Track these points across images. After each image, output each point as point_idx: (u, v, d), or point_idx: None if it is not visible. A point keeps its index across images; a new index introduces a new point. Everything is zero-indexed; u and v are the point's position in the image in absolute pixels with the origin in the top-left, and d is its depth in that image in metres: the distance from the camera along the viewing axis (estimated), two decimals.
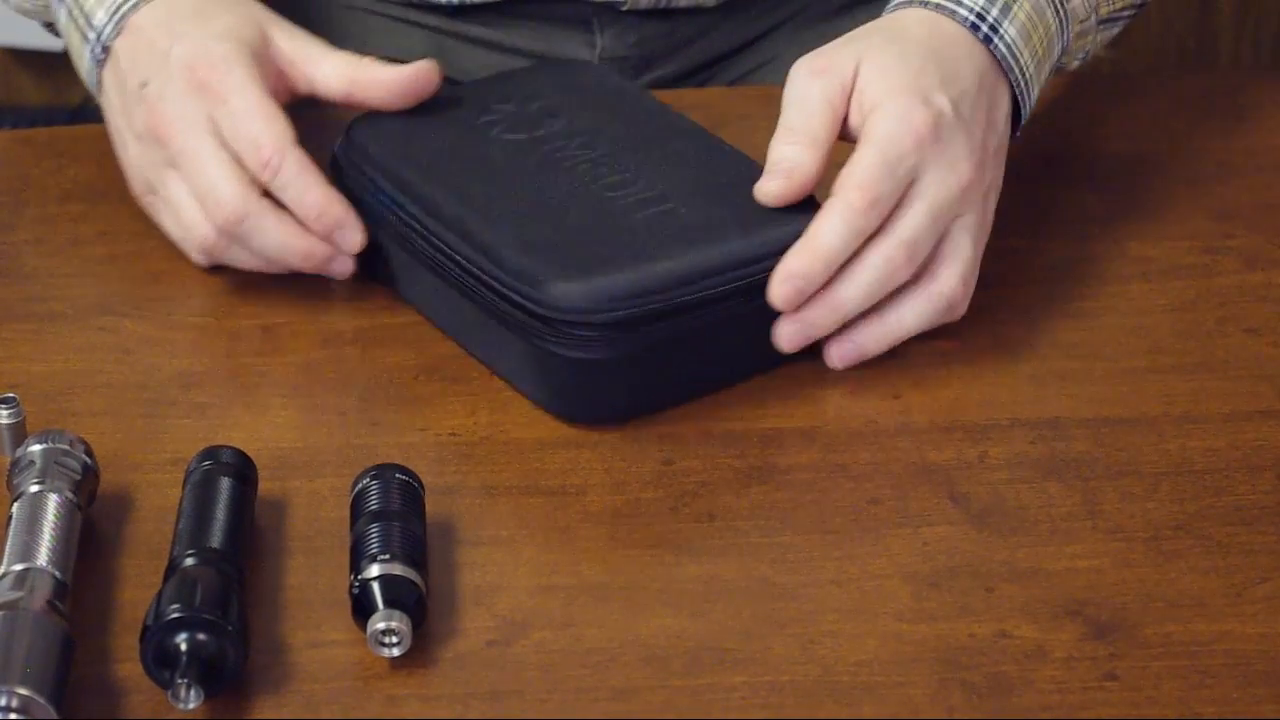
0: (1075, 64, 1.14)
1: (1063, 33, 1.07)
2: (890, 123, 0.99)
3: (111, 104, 1.07)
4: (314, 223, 1.02)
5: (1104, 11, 1.12)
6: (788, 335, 0.97)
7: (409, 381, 1.00)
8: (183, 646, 0.81)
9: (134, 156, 1.06)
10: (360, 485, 0.89)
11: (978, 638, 0.86)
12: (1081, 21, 1.10)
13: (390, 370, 1.00)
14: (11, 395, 0.94)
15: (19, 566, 0.84)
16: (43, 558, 0.85)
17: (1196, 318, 1.04)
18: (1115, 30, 1.17)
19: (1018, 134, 1.06)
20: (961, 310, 1.01)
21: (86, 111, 2.10)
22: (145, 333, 1.03)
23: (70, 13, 1.09)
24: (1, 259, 1.08)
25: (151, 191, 1.05)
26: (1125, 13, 1.15)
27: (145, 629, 0.82)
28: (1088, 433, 0.96)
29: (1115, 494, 0.93)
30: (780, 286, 0.96)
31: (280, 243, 1.02)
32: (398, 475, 0.89)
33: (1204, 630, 0.86)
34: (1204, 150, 1.16)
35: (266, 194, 1.02)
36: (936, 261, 1.00)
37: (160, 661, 0.82)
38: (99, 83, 1.08)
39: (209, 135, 1.02)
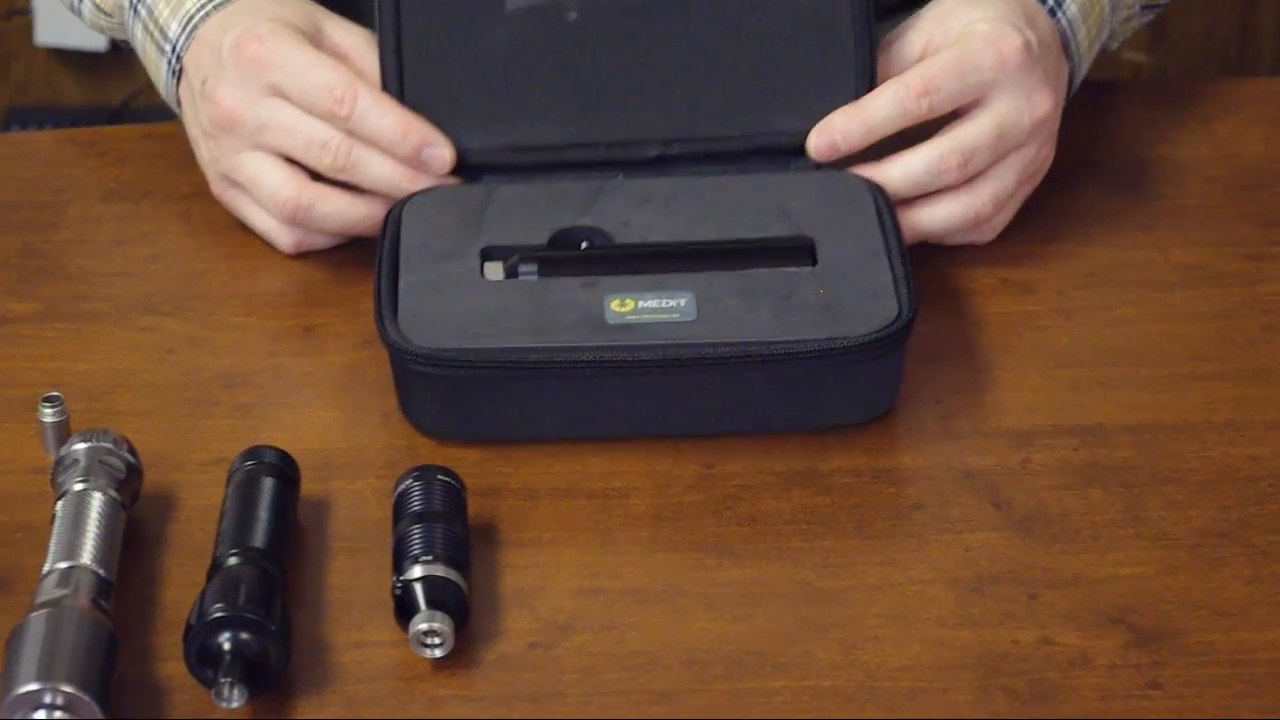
0: (1115, 45, 1.18)
1: (1113, 16, 1.11)
2: (977, 39, 1.03)
3: (186, 114, 1.08)
4: (400, 146, 1.02)
5: None
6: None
7: None
8: (226, 646, 0.81)
9: (207, 156, 1.07)
10: (403, 486, 0.89)
11: (1020, 644, 0.85)
12: (1129, 8, 1.14)
13: None
14: (56, 394, 0.94)
15: (63, 564, 0.85)
16: (87, 556, 0.85)
17: (1240, 324, 1.03)
18: (1150, 17, 1.20)
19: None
20: (988, 234, 1.05)
21: (127, 111, 2.11)
22: (188, 333, 1.03)
23: (146, 27, 1.09)
24: (45, 258, 1.08)
25: (230, 184, 1.06)
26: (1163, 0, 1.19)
27: (189, 628, 0.82)
28: (1130, 439, 0.96)
29: (1158, 501, 0.92)
30: (818, 136, 1.03)
31: (380, 172, 1.02)
32: (440, 476, 0.89)
33: (1248, 639, 0.85)
34: (1248, 156, 1.15)
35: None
36: (980, 176, 1.03)
37: (204, 660, 0.82)
38: (177, 99, 1.09)
39: (277, 100, 1.03)
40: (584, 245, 1.01)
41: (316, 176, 1.04)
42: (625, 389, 0.94)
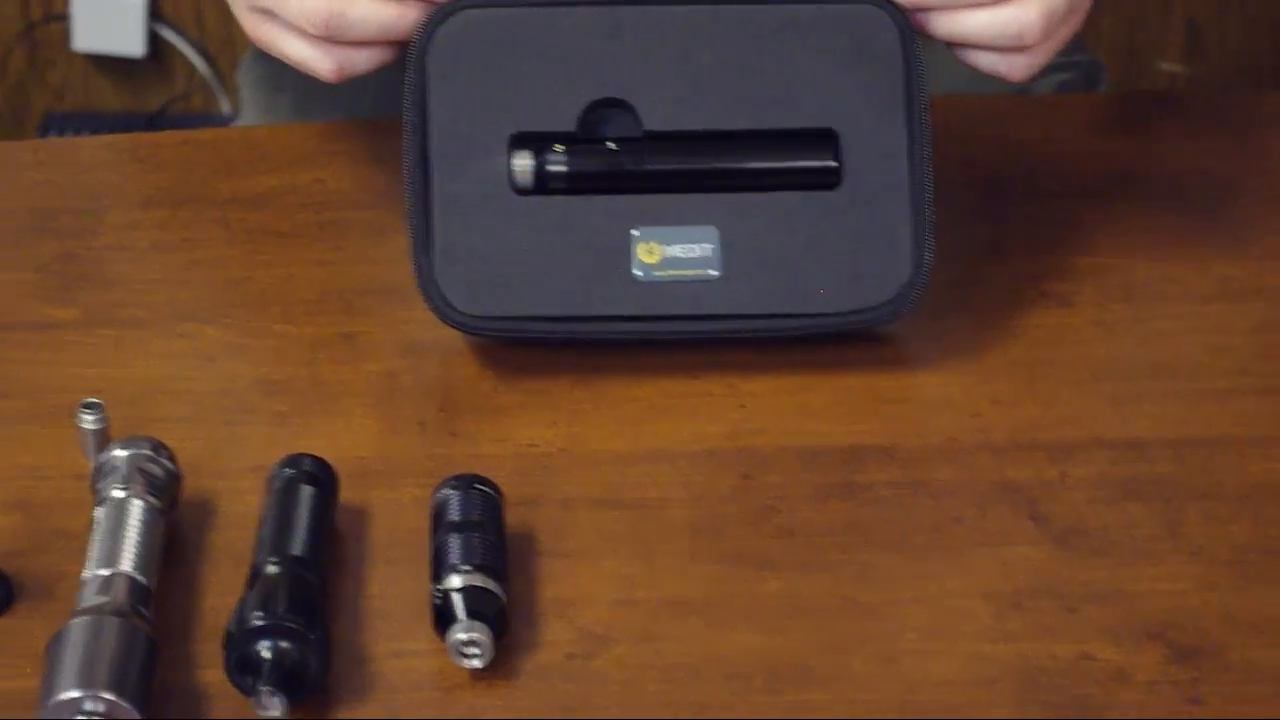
0: None
1: None
2: None
3: None
4: None
5: None
6: None
7: (489, 392, 1.00)
8: (265, 654, 0.82)
9: None
10: (441, 495, 0.90)
11: (1059, 659, 0.85)
12: None
13: (470, 380, 1.00)
14: (96, 401, 0.94)
15: (103, 571, 0.85)
16: (127, 563, 0.85)
17: (1279, 339, 1.03)
18: None
19: None
20: (1022, 69, 1.02)
21: (164, 118, 2.12)
22: (227, 340, 1.03)
23: None
24: (84, 265, 1.08)
25: (261, 17, 1.04)
26: None
27: (228, 636, 0.82)
28: (1170, 453, 0.96)
29: (1198, 516, 0.92)
30: None
31: None
32: (477, 486, 0.90)
33: None
34: None
35: None
36: None
37: (243, 668, 0.82)
38: None
39: None
40: (609, 143, 1.01)
41: None
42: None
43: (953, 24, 1.02)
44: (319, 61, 1.03)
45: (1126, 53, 2.20)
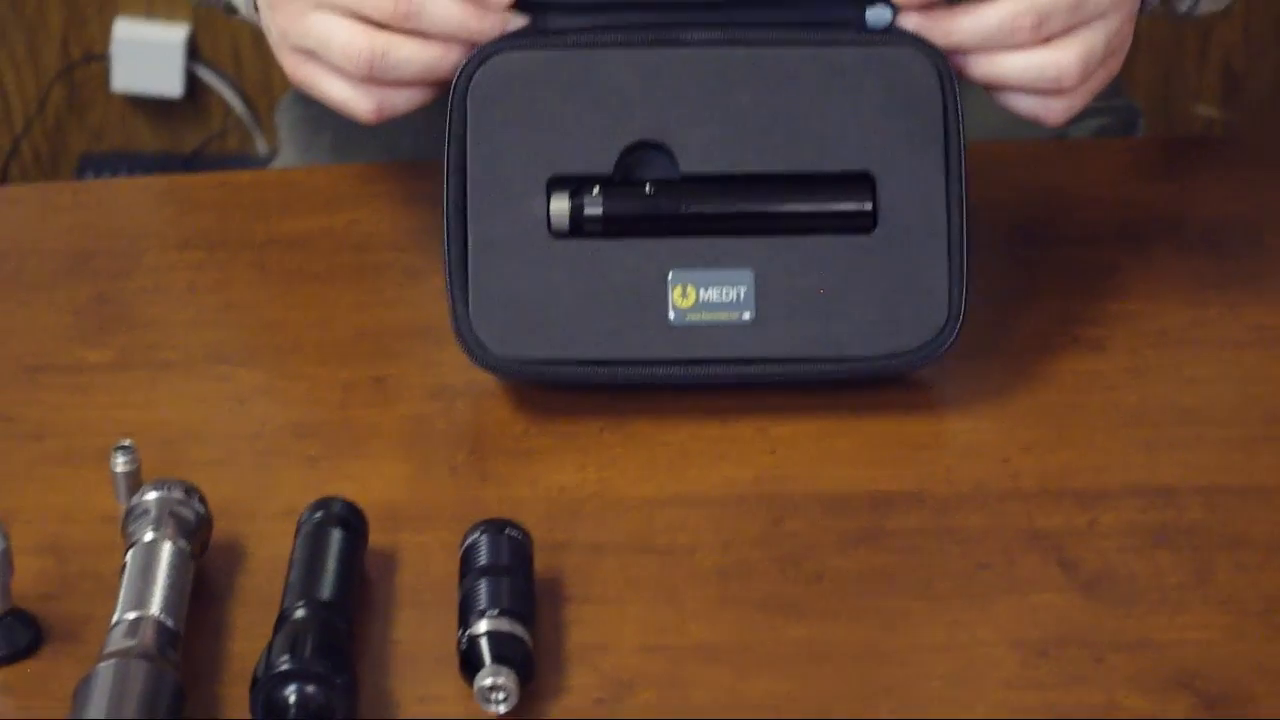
0: (1184, 7, 1.16)
1: None
2: None
3: (263, 12, 1.07)
4: None
5: None
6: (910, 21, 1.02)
7: (519, 435, 1.00)
8: (291, 699, 0.82)
9: (277, 33, 1.05)
10: (470, 540, 0.90)
11: (1087, 707, 0.85)
12: None
13: (501, 424, 1.01)
14: (128, 443, 0.95)
15: (132, 614, 0.85)
16: (155, 606, 0.86)
17: None
18: None
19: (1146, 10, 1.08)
20: (1060, 113, 1.03)
21: (200, 159, 2.13)
22: (259, 382, 1.04)
23: None
24: (119, 306, 1.09)
25: (302, 57, 1.04)
26: None
27: (255, 680, 0.82)
28: (1200, 501, 0.95)
29: (1228, 564, 0.92)
30: None
31: (444, 13, 1.00)
32: (507, 530, 0.90)
33: None
34: None
35: None
36: (1063, 35, 1.01)
37: (270, 713, 0.82)
38: (254, 4, 1.08)
39: None
40: (648, 187, 1.02)
41: None
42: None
43: (991, 66, 1.02)
44: (359, 102, 1.03)
45: (1163, 97, 2.20)
